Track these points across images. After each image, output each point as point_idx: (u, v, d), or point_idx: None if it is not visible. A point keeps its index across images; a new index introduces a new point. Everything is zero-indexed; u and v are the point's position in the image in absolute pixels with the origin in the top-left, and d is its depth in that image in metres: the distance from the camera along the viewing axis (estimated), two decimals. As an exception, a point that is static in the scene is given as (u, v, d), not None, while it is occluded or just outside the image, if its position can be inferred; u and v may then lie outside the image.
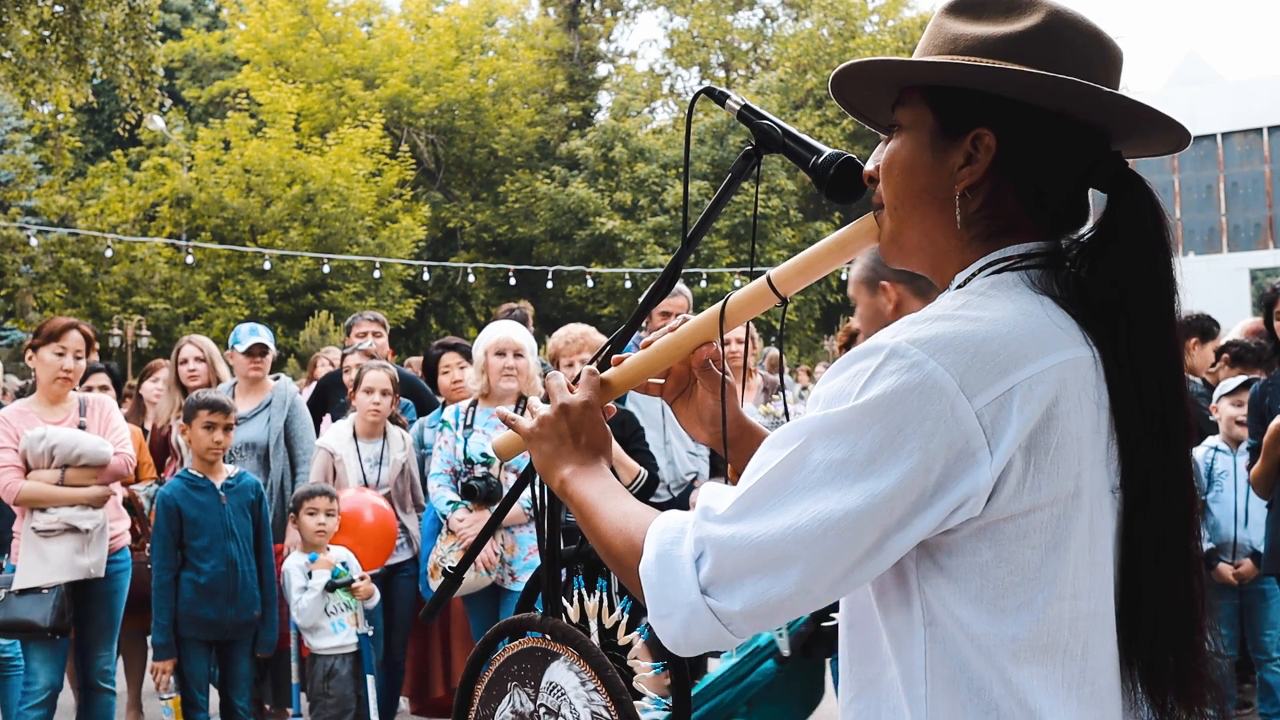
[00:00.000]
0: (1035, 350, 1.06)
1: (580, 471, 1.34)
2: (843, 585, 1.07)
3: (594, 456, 1.36)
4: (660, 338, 1.45)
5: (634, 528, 1.20)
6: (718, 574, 1.08)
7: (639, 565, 1.15)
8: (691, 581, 1.09)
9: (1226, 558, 4.66)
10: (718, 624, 1.09)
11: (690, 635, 1.11)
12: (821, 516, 1.04)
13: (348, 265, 22.73)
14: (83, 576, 4.28)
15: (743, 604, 1.07)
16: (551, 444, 1.37)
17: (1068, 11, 1.17)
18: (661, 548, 1.13)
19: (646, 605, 1.14)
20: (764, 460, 1.10)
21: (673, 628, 1.11)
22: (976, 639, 1.08)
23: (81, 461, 4.35)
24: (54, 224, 22.76)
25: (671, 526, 1.15)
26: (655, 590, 1.12)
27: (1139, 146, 1.23)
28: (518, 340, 4.38)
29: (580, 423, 1.37)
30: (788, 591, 1.06)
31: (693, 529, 1.12)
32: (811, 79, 27.66)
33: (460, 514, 4.27)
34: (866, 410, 1.05)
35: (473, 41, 29.50)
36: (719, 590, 1.08)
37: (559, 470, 1.35)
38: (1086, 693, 1.09)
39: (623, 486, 1.33)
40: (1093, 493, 1.09)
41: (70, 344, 4.44)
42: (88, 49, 11.90)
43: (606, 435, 1.39)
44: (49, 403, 4.51)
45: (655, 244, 24.76)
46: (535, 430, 1.39)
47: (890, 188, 1.23)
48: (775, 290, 1.35)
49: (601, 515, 1.26)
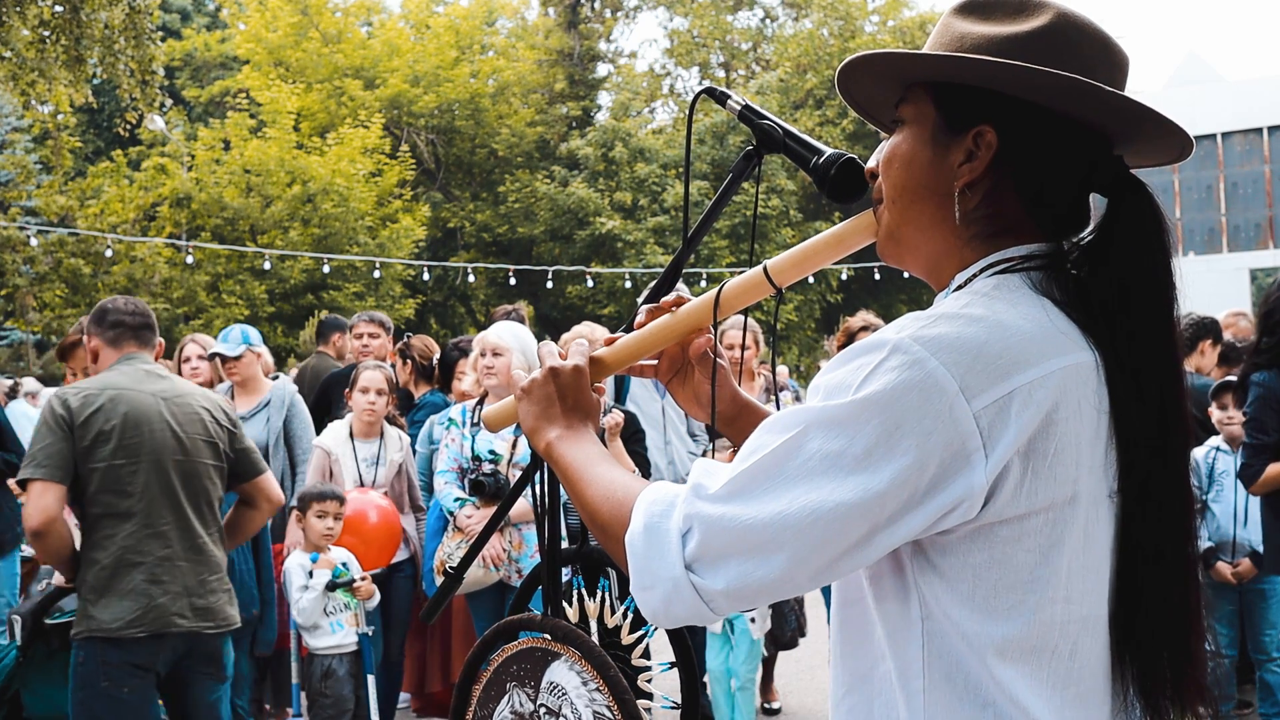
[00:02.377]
0: (1037, 355, 1.06)
1: (567, 435, 1.34)
2: (826, 574, 1.08)
3: (582, 420, 1.36)
4: (655, 320, 1.46)
5: (621, 496, 1.20)
6: (703, 551, 1.09)
7: (625, 534, 1.15)
8: (677, 556, 1.10)
9: (1226, 557, 4.67)
10: (699, 600, 1.09)
11: (671, 609, 1.11)
12: (812, 506, 1.04)
13: (348, 265, 22.72)
14: None
15: (725, 583, 1.08)
16: (539, 404, 1.38)
17: (1075, 15, 1.17)
18: (650, 519, 1.13)
19: (629, 574, 1.14)
20: (760, 443, 1.10)
21: (654, 600, 1.12)
22: (967, 637, 1.08)
23: None
24: (54, 224, 22.75)
25: (661, 498, 1.15)
26: (640, 561, 1.12)
27: (1142, 153, 1.22)
28: (493, 340, 4.45)
29: (568, 385, 1.38)
30: (771, 576, 1.07)
31: (683, 504, 1.12)
32: (811, 79, 27.64)
33: (468, 511, 4.29)
34: (866, 404, 1.05)
35: (473, 41, 29.49)
36: (703, 567, 1.09)
37: (546, 432, 1.36)
38: (1071, 693, 1.09)
39: (609, 454, 1.32)
40: (1090, 498, 1.09)
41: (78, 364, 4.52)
42: (88, 49, 11.90)
43: (595, 403, 1.39)
44: None
45: (655, 244, 24.76)
46: (524, 390, 1.40)
47: (890, 181, 1.23)
48: (771, 280, 1.35)
49: (588, 480, 1.26)
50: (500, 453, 4.34)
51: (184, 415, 3.40)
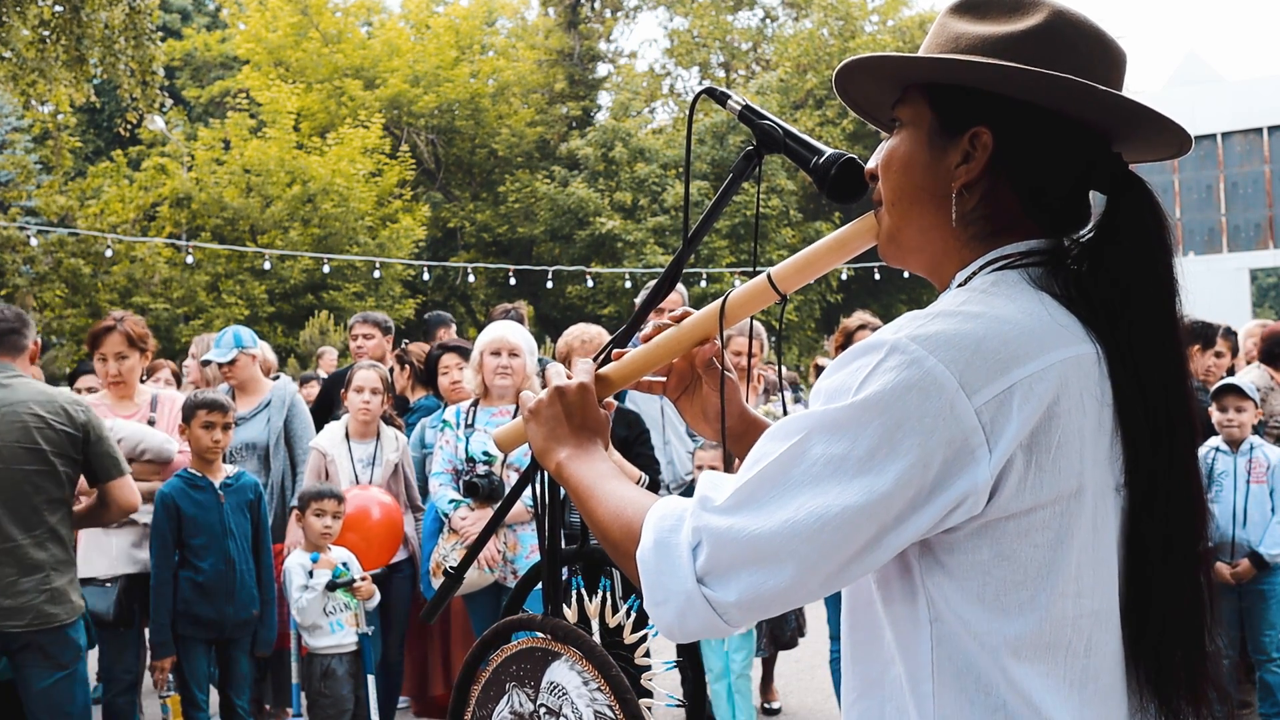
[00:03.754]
0: (1036, 348, 1.06)
1: (577, 454, 1.34)
2: (837, 579, 1.08)
3: (590, 439, 1.37)
4: (660, 334, 1.45)
5: (631, 513, 1.21)
6: (714, 564, 1.09)
7: (636, 551, 1.15)
8: (688, 570, 1.10)
9: (1225, 557, 4.67)
10: (712, 613, 1.09)
11: (685, 623, 1.11)
12: (819, 512, 1.04)
13: (348, 265, 22.71)
14: (141, 570, 4.36)
15: (738, 595, 1.08)
16: (548, 425, 1.38)
17: (1071, 12, 1.17)
18: (660, 534, 1.13)
19: (642, 591, 1.14)
20: (764, 452, 1.10)
21: (668, 615, 1.12)
22: (979, 636, 1.07)
23: (145, 457, 4.44)
24: (54, 224, 22.73)
25: (670, 513, 1.15)
26: (652, 577, 1.13)
27: (1140, 150, 1.22)
28: (513, 340, 4.39)
29: (575, 404, 1.38)
30: (783, 585, 1.06)
31: (691, 517, 1.12)
32: (811, 79, 27.64)
33: (462, 512, 4.28)
34: (866, 406, 1.05)
35: (473, 41, 29.49)
36: (714, 580, 1.09)
37: (556, 452, 1.36)
38: (1090, 690, 1.09)
39: (619, 470, 1.32)
40: (1096, 490, 1.09)
41: (109, 349, 4.57)
42: (88, 49, 11.88)
43: (603, 420, 1.39)
44: (122, 395, 4.63)
45: (655, 244, 24.75)
46: (531, 411, 1.40)
47: (888, 184, 1.23)
48: (775, 287, 1.36)
49: (598, 499, 1.27)
50: (494, 454, 4.33)
51: (3, 424, 3.59)
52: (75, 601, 3.71)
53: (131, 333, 4.59)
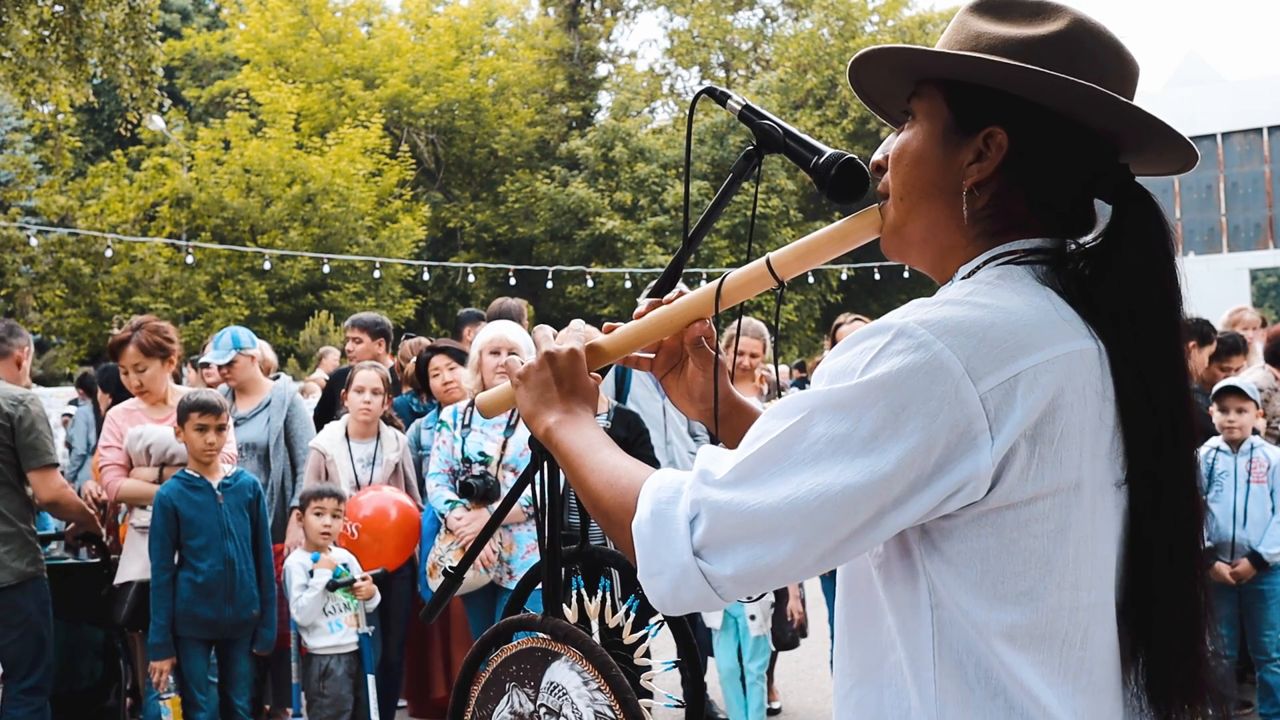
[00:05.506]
0: (1042, 339, 1.07)
1: (566, 420, 1.33)
2: (833, 557, 1.08)
3: (580, 405, 1.36)
4: (654, 309, 1.45)
5: (626, 483, 1.20)
6: (711, 538, 1.09)
7: (631, 521, 1.15)
8: (685, 542, 1.09)
9: (1225, 557, 4.67)
10: (707, 586, 1.09)
11: (679, 595, 1.11)
12: (819, 490, 1.04)
13: (348, 265, 22.72)
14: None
15: (734, 569, 1.08)
16: (536, 390, 1.38)
17: (1091, 22, 1.18)
18: (657, 505, 1.13)
19: (636, 562, 1.14)
20: (765, 429, 1.10)
21: (661, 586, 1.12)
22: (977, 624, 1.08)
23: (176, 461, 4.49)
24: (54, 224, 22.74)
25: (667, 485, 1.14)
26: (647, 548, 1.12)
27: (1147, 163, 1.23)
28: (511, 339, 4.38)
29: (565, 370, 1.37)
30: (779, 561, 1.07)
31: (690, 490, 1.11)
32: (811, 79, 27.65)
33: (458, 513, 4.27)
34: (871, 387, 1.05)
35: (473, 41, 29.50)
36: (711, 554, 1.09)
37: (544, 417, 1.35)
38: (1084, 682, 1.09)
39: (609, 438, 1.31)
40: (1095, 485, 1.09)
41: (127, 361, 4.66)
42: (88, 49, 11.88)
43: (593, 388, 1.39)
44: (151, 403, 4.73)
45: (655, 244, 24.77)
46: (520, 376, 1.40)
47: (898, 177, 1.23)
48: (774, 273, 1.35)
49: (590, 467, 1.26)
50: (490, 454, 4.32)
51: None
52: (12, 566, 4.18)
53: (145, 342, 4.62)
